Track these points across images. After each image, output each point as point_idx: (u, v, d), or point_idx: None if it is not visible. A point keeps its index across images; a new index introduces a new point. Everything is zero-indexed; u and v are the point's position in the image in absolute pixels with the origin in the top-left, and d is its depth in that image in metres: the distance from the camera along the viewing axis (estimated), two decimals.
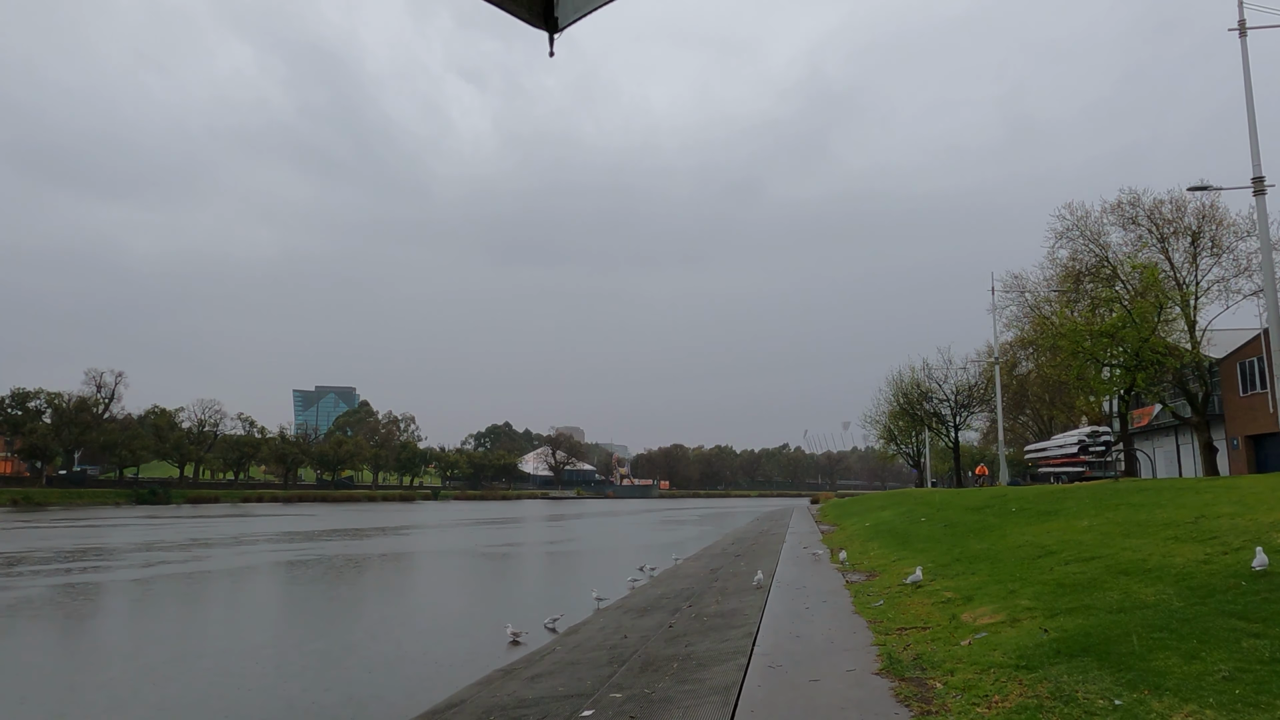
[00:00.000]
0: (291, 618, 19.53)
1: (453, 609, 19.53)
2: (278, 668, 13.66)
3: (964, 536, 19.14)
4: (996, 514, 22.63)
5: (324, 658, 14.39)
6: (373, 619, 18.69)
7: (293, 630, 17.73)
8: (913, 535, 22.85)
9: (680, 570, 23.12)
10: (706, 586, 17.45)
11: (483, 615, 17.94)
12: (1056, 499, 21.97)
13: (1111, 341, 27.71)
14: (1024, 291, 55.11)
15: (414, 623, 17.86)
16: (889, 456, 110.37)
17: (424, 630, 16.81)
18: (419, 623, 17.82)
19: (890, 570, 16.65)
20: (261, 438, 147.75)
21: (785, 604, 13.30)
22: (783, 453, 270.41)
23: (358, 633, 16.70)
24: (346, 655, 14.46)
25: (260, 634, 16.93)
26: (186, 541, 41.18)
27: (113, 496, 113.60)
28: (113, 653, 15.41)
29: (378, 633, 16.74)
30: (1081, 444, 45.07)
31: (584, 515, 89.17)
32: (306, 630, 17.52)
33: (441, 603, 20.61)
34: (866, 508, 46.12)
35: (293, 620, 19.20)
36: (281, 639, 16.54)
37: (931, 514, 28.68)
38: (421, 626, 17.38)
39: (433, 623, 17.67)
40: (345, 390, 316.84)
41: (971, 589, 11.76)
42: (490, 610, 18.33)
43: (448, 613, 18.85)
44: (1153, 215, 37.81)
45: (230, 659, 14.08)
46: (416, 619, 18.29)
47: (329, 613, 19.77)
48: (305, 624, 18.45)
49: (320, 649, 15.19)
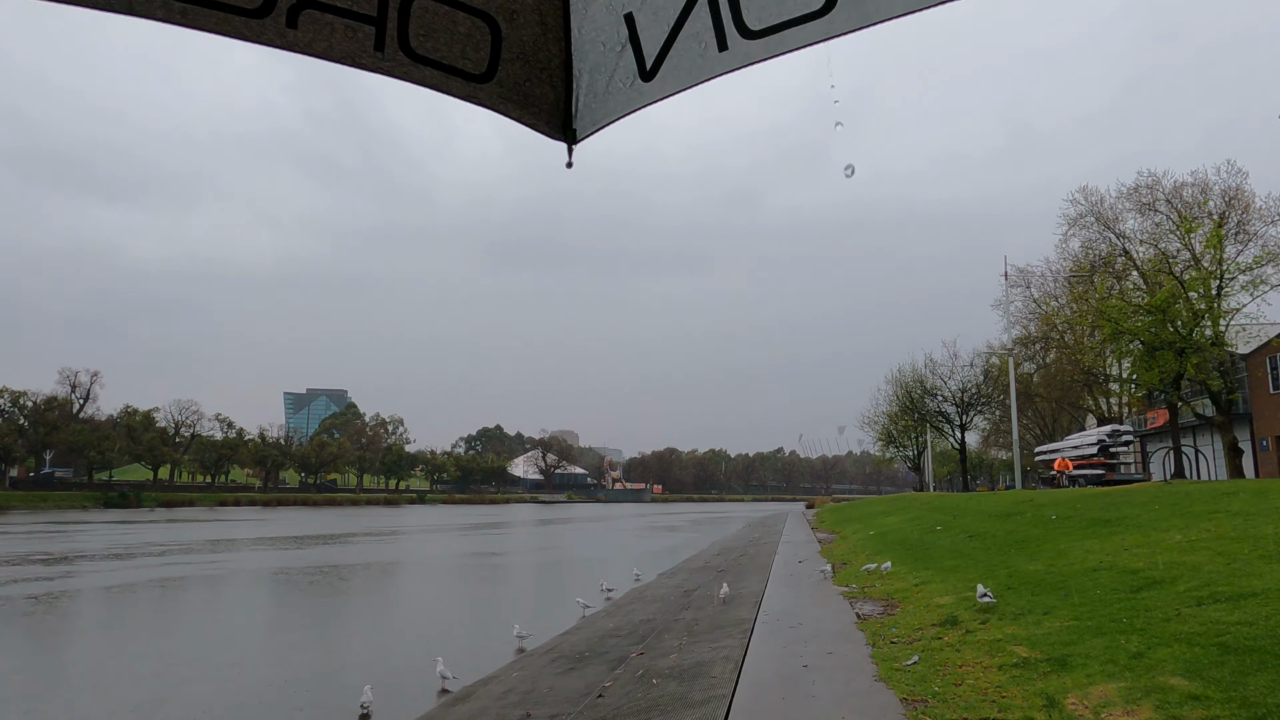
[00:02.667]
0: (119, 656, 15.36)
1: (335, 645, 15.04)
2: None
3: (1003, 552, 15.09)
4: (1032, 522, 18.61)
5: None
6: (226, 656, 14.54)
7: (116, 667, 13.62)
8: (932, 549, 18.78)
9: (647, 592, 18.98)
10: (673, 619, 13.39)
11: (362, 660, 13.65)
12: (1108, 505, 17.95)
13: (1161, 319, 23.76)
14: (1029, 286, 51.39)
15: (269, 667, 13.72)
16: (886, 460, 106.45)
17: (270, 683, 12.68)
18: (269, 669, 13.65)
19: (914, 598, 12.59)
20: (240, 439, 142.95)
21: (773, 657, 9.25)
22: (777, 457, 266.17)
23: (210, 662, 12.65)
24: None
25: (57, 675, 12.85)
26: (100, 551, 36.93)
27: (80, 500, 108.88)
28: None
29: (219, 674, 12.67)
30: (1101, 444, 40.99)
31: (569, 520, 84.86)
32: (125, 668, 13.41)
33: (332, 636, 16.08)
34: (868, 514, 42.03)
35: (119, 654, 15.04)
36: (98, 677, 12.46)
37: (948, 522, 24.63)
38: (266, 676, 13.22)
39: (290, 671, 13.35)
40: (337, 393, 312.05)
41: (1057, 640, 7.72)
42: (379, 652, 13.91)
43: (323, 654, 14.26)
44: (1172, 199, 34.30)
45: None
46: (281, 661, 14.11)
47: (171, 649, 15.63)
48: (129, 657, 14.31)
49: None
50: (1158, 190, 34.22)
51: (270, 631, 17.28)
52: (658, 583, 21.06)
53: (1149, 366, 23.98)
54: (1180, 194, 33.95)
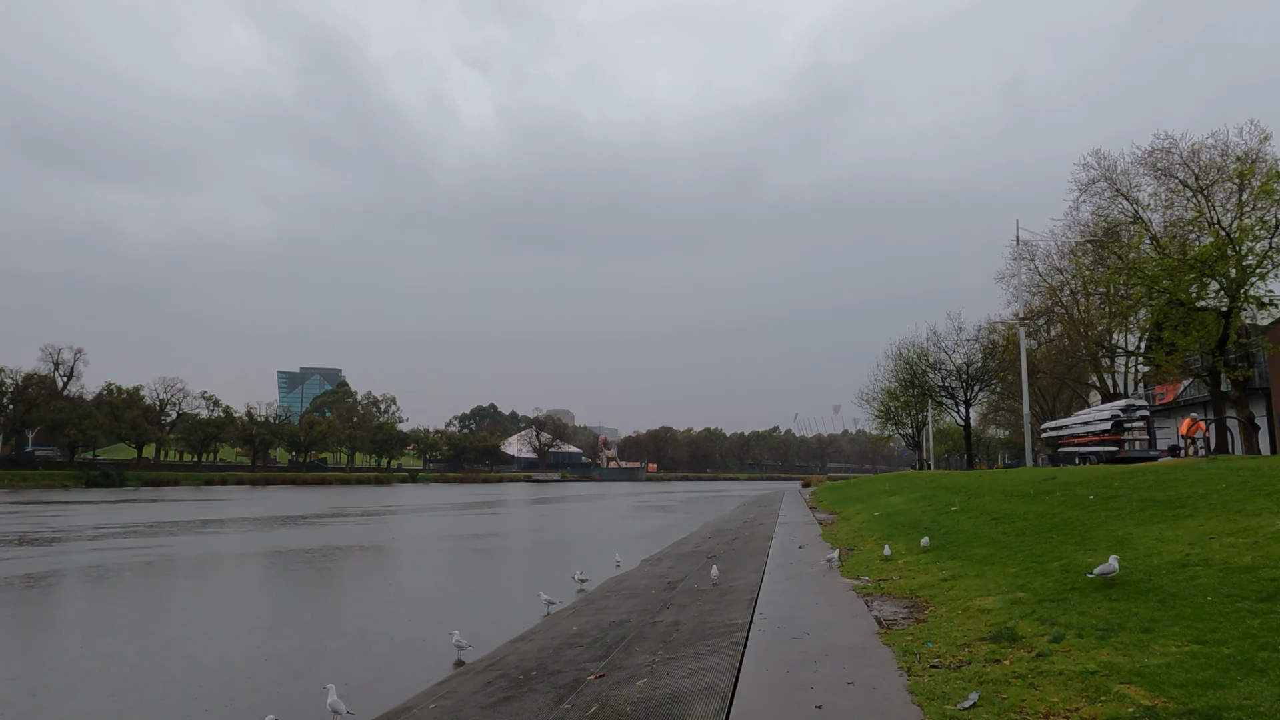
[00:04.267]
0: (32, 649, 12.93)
1: (255, 649, 12.47)
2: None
3: (1043, 539, 12.69)
4: (1065, 503, 16.24)
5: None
6: (125, 658, 12.14)
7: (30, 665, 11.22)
8: (952, 533, 16.38)
9: (626, 583, 16.56)
10: (650, 621, 11.01)
11: (289, 670, 11.21)
12: (1155, 484, 15.57)
13: (1202, 276, 21.29)
14: (1033, 259, 49.02)
15: (176, 667, 11.33)
16: (884, 439, 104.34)
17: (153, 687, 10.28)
18: (177, 668, 11.25)
19: (945, 597, 10.20)
20: (227, 418, 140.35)
21: (773, 689, 6.86)
22: (773, 436, 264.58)
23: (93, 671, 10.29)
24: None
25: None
26: (49, 533, 34.49)
27: (61, 479, 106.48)
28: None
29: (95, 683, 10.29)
30: (1115, 420, 38.62)
31: (559, 499, 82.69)
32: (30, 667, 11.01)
33: (258, 638, 13.21)
34: (869, 493, 39.78)
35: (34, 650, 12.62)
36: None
37: (963, 502, 22.29)
38: (173, 674, 10.84)
39: (199, 676, 10.90)
40: (330, 372, 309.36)
41: (1188, 679, 5.31)
42: (280, 670, 11.26)
43: (184, 670, 11.51)
44: (1189, 162, 31.82)
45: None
46: (195, 661, 11.71)
47: (71, 646, 13.21)
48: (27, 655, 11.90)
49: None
50: (1174, 154, 31.80)
51: (167, 631, 14.87)
52: (639, 571, 18.69)
53: (1186, 330, 21.55)
54: (1198, 157, 31.65)
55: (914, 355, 57.26)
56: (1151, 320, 23.50)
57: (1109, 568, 8.55)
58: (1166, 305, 22.19)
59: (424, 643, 12.26)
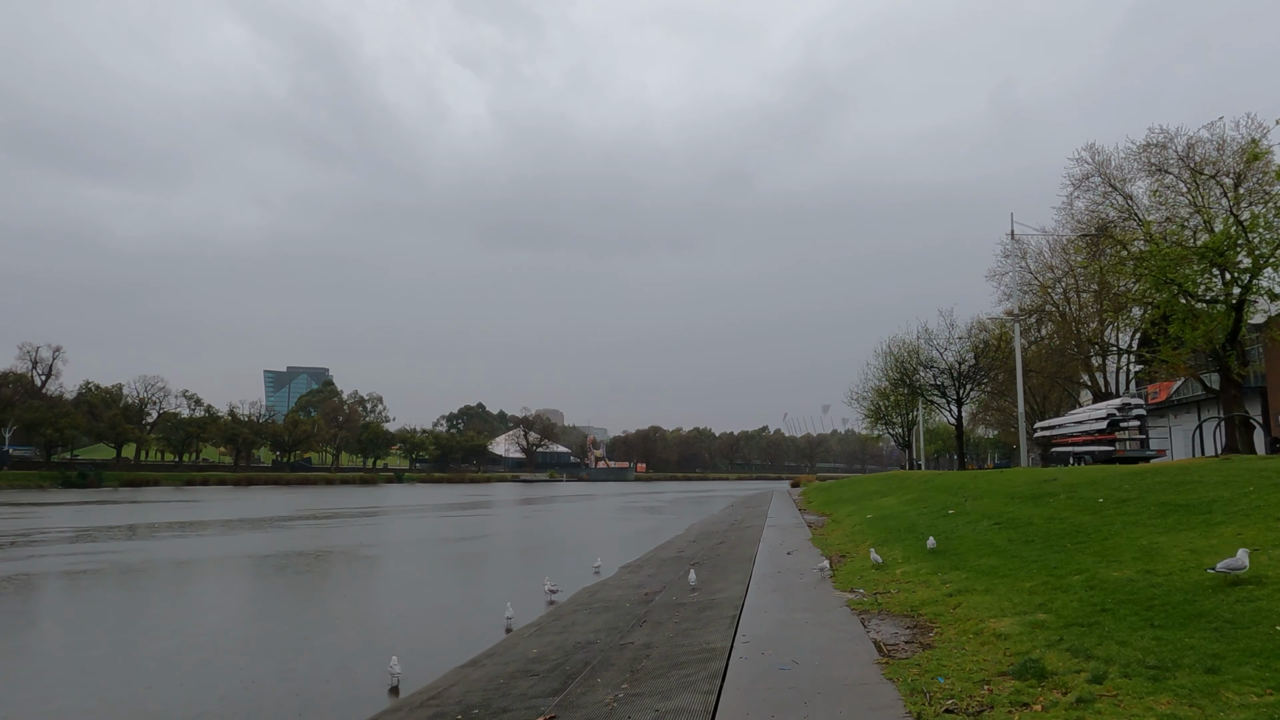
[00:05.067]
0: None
1: (145, 690, 10.53)
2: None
3: (1055, 548, 11.50)
4: (1073, 506, 15.09)
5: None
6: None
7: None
8: (953, 539, 15.18)
9: (600, 594, 15.22)
10: (618, 644, 9.75)
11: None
12: (1171, 486, 14.44)
13: (1213, 266, 20.18)
14: (1024, 256, 48.30)
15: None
16: (873, 439, 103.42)
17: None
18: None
19: (952, 616, 8.99)
20: (209, 417, 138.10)
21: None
22: (762, 435, 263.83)
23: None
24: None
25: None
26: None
27: (37, 480, 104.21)
28: None
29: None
30: (1111, 419, 37.68)
31: (545, 499, 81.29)
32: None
33: (158, 672, 11.00)
34: (859, 493, 38.67)
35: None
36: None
37: (960, 504, 21.15)
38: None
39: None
40: (318, 371, 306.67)
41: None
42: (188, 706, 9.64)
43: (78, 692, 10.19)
44: (1185, 157, 30.90)
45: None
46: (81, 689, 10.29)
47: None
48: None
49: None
50: (1170, 150, 30.88)
51: (64, 650, 13.50)
52: (616, 580, 17.39)
53: (1195, 324, 20.46)
54: (1194, 151, 30.80)
55: (905, 353, 56.17)
56: (1156, 314, 22.40)
57: (1237, 563, 7.27)
58: (1174, 298, 21.08)
59: (357, 670, 10.82)
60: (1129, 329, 48.75)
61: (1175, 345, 21.72)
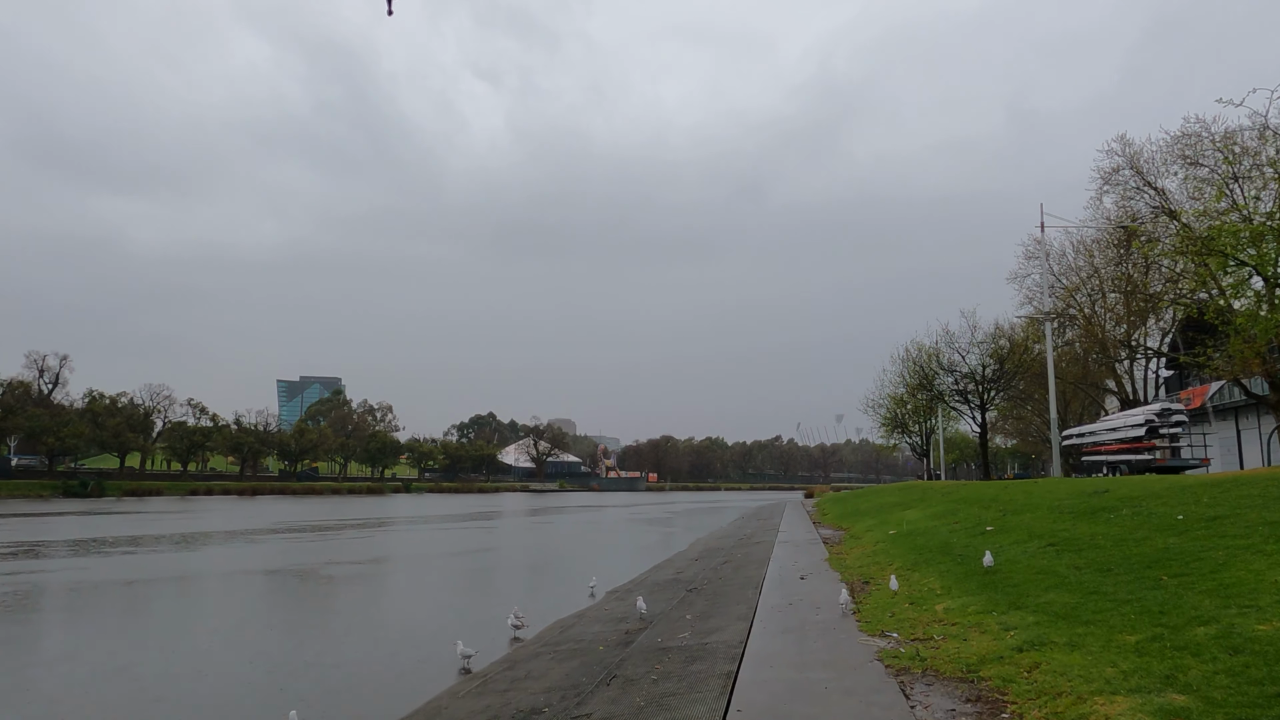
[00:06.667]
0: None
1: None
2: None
3: (1146, 580, 8.89)
4: (1147, 525, 12.45)
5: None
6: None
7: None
8: (1005, 568, 12.52)
9: (574, 630, 12.58)
10: (572, 714, 7.23)
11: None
12: (1273, 500, 11.78)
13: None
14: (1047, 258, 45.81)
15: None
16: (889, 448, 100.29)
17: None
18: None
19: (1028, 686, 6.43)
20: (214, 426, 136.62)
21: None
22: (775, 445, 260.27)
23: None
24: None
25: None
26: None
27: (38, 489, 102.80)
28: None
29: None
30: (1150, 425, 34.82)
31: (552, 510, 78.75)
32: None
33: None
34: (879, 505, 35.91)
35: None
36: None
37: (998, 520, 18.48)
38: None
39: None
40: (330, 380, 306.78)
41: None
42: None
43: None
44: (1225, 147, 28.38)
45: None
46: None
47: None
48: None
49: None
50: (1204, 140, 28.34)
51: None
52: (598, 610, 14.79)
53: (1272, 308, 17.81)
54: (1233, 142, 28.27)
55: (925, 357, 53.38)
56: (1193, 311, 19.83)
57: None
58: (1244, 282, 18.47)
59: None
60: (1159, 332, 46.02)
61: (1246, 338, 19.03)
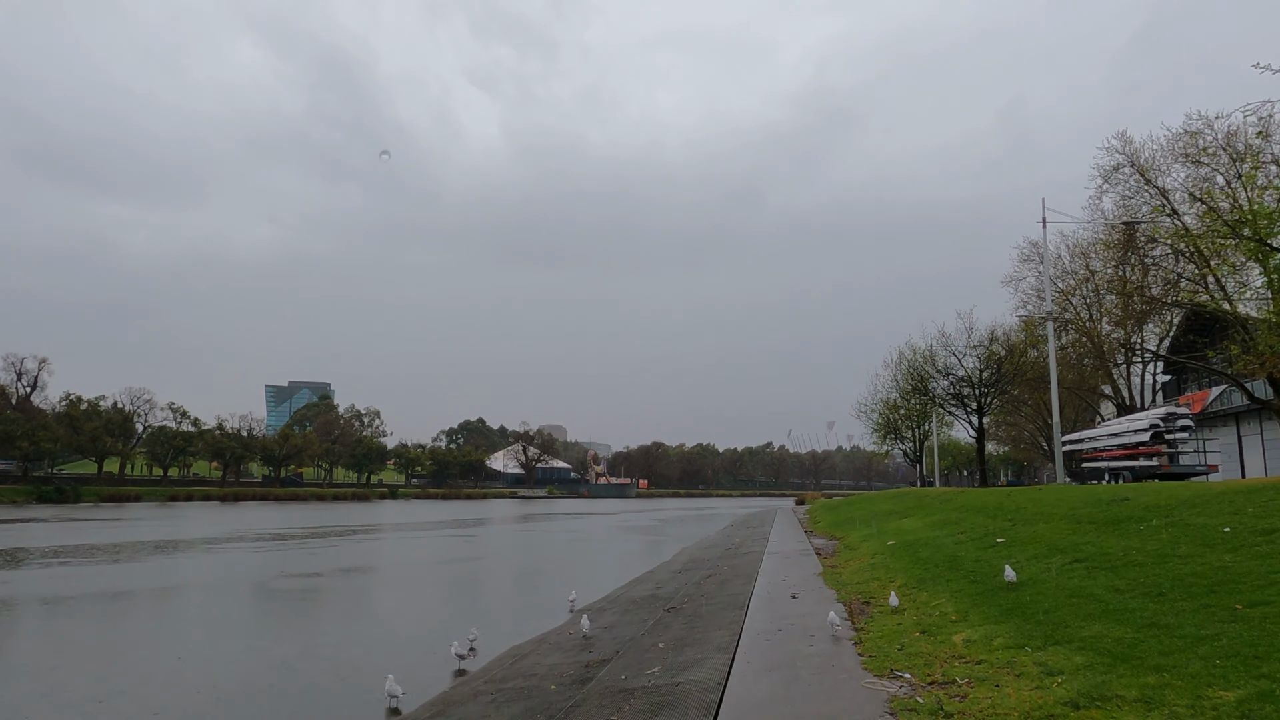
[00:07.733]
0: None
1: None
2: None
3: (1215, 611, 7.25)
4: (1188, 539, 10.84)
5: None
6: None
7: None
8: (1035, 589, 10.84)
9: (523, 663, 10.64)
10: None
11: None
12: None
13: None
14: (1041, 262, 44.76)
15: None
16: (881, 455, 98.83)
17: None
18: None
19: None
20: (196, 430, 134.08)
21: None
22: (766, 452, 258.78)
23: None
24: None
25: None
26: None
27: (12, 494, 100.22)
28: None
29: None
30: (1155, 430, 33.35)
31: (538, 517, 76.86)
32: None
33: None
34: (873, 513, 34.27)
35: None
36: None
37: (1008, 531, 16.83)
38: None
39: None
40: (319, 386, 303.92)
41: None
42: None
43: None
44: (1229, 143, 27.50)
45: None
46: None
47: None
48: None
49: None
50: (1207, 136, 27.19)
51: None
52: (558, 636, 12.93)
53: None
54: (1234, 140, 27.23)
55: (920, 360, 51.87)
56: (1231, 305, 18.36)
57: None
58: (1276, 270, 17.00)
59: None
60: (1158, 336, 44.85)
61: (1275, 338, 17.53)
